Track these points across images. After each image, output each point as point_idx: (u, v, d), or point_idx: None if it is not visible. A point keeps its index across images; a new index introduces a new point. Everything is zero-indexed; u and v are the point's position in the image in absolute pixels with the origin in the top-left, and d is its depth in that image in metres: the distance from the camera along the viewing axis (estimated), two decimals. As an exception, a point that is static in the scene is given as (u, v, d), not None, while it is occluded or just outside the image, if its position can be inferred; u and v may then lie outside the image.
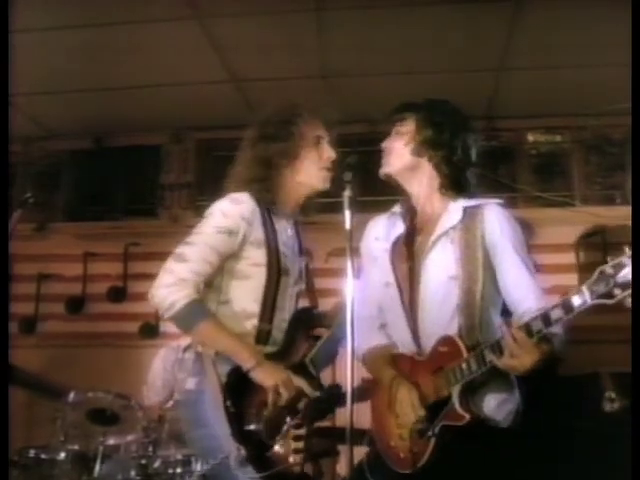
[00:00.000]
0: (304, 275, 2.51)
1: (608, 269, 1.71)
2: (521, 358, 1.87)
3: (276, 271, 2.34)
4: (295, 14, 4.07)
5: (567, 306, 1.79)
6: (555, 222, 4.98)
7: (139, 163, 5.65)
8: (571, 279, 4.95)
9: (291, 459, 2.23)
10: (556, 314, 1.82)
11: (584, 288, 1.76)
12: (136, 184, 5.62)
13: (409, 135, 2.27)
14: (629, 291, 1.67)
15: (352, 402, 1.88)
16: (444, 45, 4.34)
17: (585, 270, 4.97)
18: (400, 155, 2.27)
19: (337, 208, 2.07)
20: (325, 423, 3.77)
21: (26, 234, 4.94)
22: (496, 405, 2.10)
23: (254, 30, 4.20)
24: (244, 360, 2.22)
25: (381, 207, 2.48)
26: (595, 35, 4.13)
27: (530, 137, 5.47)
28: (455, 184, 2.26)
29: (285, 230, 2.45)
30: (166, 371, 4.44)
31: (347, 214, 2.00)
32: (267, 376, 2.21)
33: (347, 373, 1.91)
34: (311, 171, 2.44)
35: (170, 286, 2.21)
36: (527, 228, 2.29)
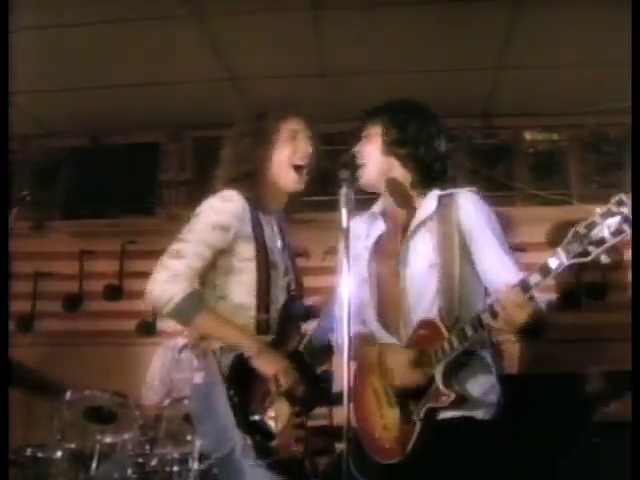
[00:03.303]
0: (290, 269, 2.54)
1: (581, 228, 1.73)
2: (515, 314, 1.88)
3: (265, 265, 2.39)
4: (293, 12, 4.07)
5: (545, 269, 1.81)
6: (552, 220, 4.99)
7: (137, 161, 5.63)
8: (568, 277, 4.96)
9: (293, 447, 2.28)
10: (535, 278, 1.84)
11: (559, 249, 1.78)
12: (134, 182, 5.60)
13: (376, 138, 2.34)
14: (603, 247, 1.70)
15: (349, 401, 1.88)
16: (442, 43, 4.34)
17: (582, 268, 4.98)
18: (373, 158, 2.32)
19: (334, 206, 2.07)
20: (322, 422, 3.79)
21: (23, 232, 4.93)
22: (479, 394, 2.12)
23: (252, 28, 4.20)
24: (245, 347, 2.27)
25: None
26: (592, 34, 4.13)
27: (527, 135, 5.46)
28: (425, 179, 2.31)
29: (271, 226, 2.50)
30: (164, 369, 4.48)
31: (343, 212, 2.01)
32: (268, 364, 2.26)
33: (344, 372, 1.90)
34: (283, 169, 2.48)
35: (166, 282, 2.25)
36: (506, 222, 2.31)
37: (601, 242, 1.69)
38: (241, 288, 2.37)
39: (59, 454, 3.83)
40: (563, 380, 3.94)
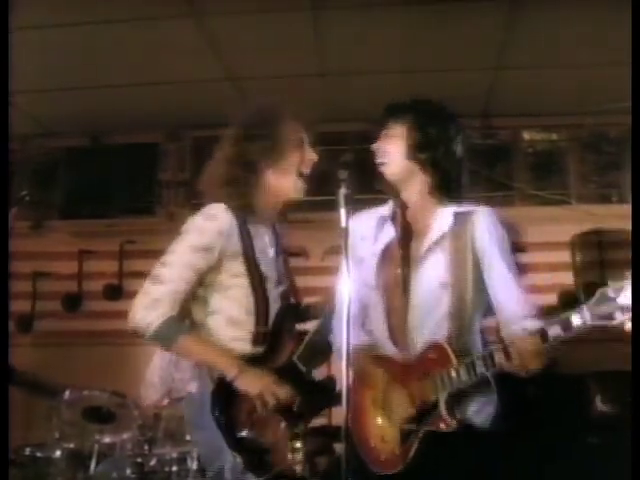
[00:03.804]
0: (284, 277, 2.49)
1: (610, 292, 1.73)
2: (531, 361, 1.90)
3: (258, 280, 2.33)
4: (292, 12, 4.06)
5: (566, 324, 1.82)
6: (551, 220, 4.99)
7: (136, 161, 5.63)
8: (567, 277, 4.96)
9: (290, 458, 2.24)
10: (555, 331, 1.85)
11: (584, 307, 1.78)
12: (133, 182, 5.60)
13: (400, 138, 2.27)
14: (629, 314, 1.69)
15: (348, 401, 1.87)
16: (441, 43, 4.34)
17: (581, 268, 4.98)
18: (395, 159, 2.27)
19: (334, 206, 2.07)
20: (321, 422, 3.79)
21: (22, 232, 4.93)
22: (476, 409, 2.11)
23: (251, 28, 4.19)
24: (226, 370, 2.22)
25: (377, 205, 2.46)
26: (591, 33, 4.13)
27: (526, 135, 5.47)
28: (445, 187, 2.26)
29: (262, 236, 2.42)
30: (163, 368, 4.48)
31: (342, 212, 2.01)
32: (250, 384, 2.21)
33: (342, 373, 1.90)
34: (289, 176, 2.40)
35: (145, 308, 2.26)
36: (514, 230, 2.30)
37: (628, 309, 1.69)
38: (232, 303, 2.33)
39: (58, 454, 3.83)
40: (563, 380, 3.94)
